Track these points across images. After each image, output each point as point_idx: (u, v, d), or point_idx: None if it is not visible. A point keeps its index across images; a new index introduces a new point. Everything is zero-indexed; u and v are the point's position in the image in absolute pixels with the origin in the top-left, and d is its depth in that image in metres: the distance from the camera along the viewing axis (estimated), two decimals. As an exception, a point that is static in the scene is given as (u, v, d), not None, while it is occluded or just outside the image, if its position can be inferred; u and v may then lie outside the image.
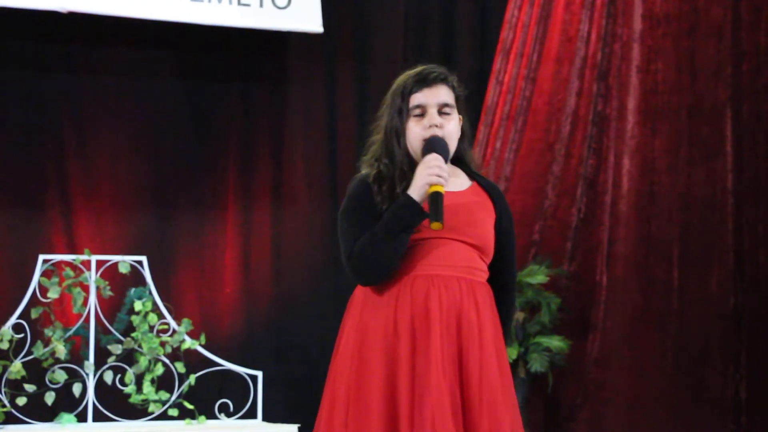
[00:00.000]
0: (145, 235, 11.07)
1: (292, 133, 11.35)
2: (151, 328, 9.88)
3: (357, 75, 10.89)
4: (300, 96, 11.46)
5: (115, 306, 10.02)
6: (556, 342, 11.29)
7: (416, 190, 4.66)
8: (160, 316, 9.92)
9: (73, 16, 10.55)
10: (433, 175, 4.63)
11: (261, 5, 11.05)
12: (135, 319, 9.85)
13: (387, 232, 4.68)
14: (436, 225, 4.60)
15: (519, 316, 11.37)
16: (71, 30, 10.92)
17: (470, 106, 11.99)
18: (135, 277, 10.04)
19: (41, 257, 9.82)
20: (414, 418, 4.60)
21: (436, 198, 4.60)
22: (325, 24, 11.10)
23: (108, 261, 9.94)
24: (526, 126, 12.14)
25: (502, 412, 4.73)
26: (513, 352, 11.12)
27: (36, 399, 9.59)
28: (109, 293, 9.87)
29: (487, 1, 12.43)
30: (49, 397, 9.55)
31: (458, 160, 5.06)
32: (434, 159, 4.70)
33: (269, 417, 9.81)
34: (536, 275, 11.40)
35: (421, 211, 4.66)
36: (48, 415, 9.67)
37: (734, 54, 11.90)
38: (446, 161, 4.79)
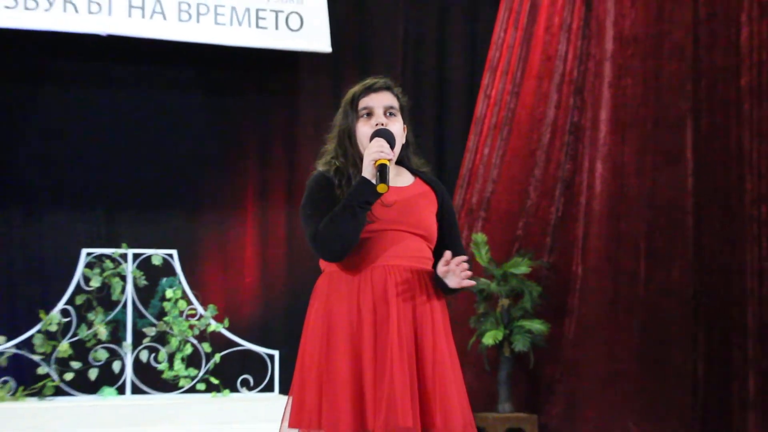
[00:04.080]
0: (175, 232, 11.25)
1: (304, 141, 11.49)
2: (181, 313, 10.11)
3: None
4: (310, 108, 11.67)
5: (149, 293, 10.21)
6: (536, 325, 11.38)
7: (366, 170, 4.72)
8: (189, 302, 10.17)
9: (111, 38, 10.72)
10: (377, 152, 4.70)
11: (276, 28, 11.20)
12: (166, 305, 10.11)
13: (345, 208, 4.70)
14: (381, 187, 4.66)
15: (504, 302, 11.44)
16: (110, 50, 11.08)
17: (461, 118, 12.22)
18: (166, 268, 10.24)
19: (84, 251, 10.04)
20: (376, 394, 4.66)
21: (382, 168, 4.68)
22: (332, 44, 11.31)
23: (143, 254, 10.17)
24: (511, 135, 12.23)
25: (451, 384, 4.77)
26: (499, 334, 11.22)
27: (81, 375, 9.82)
28: (144, 282, 10.11)
29: (475, 25, 12.52)
30: (93, 373, 9.81)
31: (403, 164, 5.11)
32: (376, 141, 4.77)
33: (285, 390, 9.56)
34: (520, 266, 11.46)
35: (372, 186, 4.70)
36: (91, 388, 9.85)
37: (694, 72, 11.87)
38: (391, 148, 4.82)
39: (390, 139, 4.81)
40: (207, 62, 11.54)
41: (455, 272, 4.68)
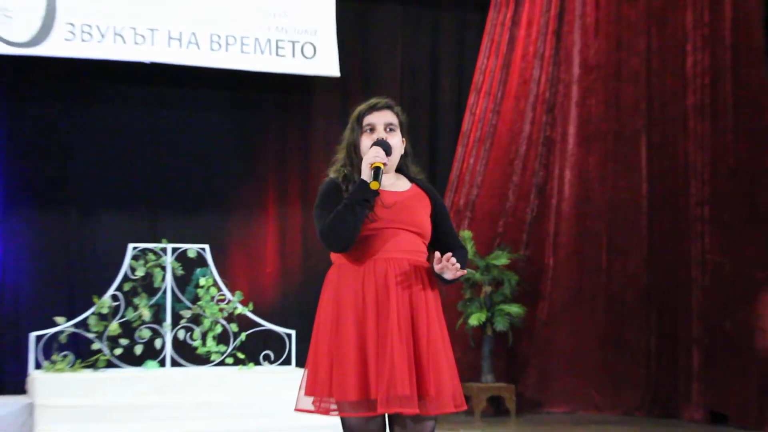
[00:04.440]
0: (207, 229, 11.26)
1: (316, 152, 11.54)
2: (212, 298, 10.18)
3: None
4: (322, 123, 11.72)
5: (185, 281, 10.28)
6: (514, 308, 11.44)
7: (364, 172, 4.69)
8: (219, 289, 10.22)
9: (154, 65, 10.80)
10: (373, 156, 4.66)
11: (293, 56, 11.23)
12: (200, 292, 10.18)
13: (346, 206, 4.64)
14: (374, 184, 4.63)
15: (487, 289, 11.47)
16: (152, 75, 11.09)
17: (450, 132, 12.23)
18: (200, 260, 10.30)
19: (131, 246, 10.14)
20: (379, 367, 4.61)
21: (376, 170, 4.64)
22: (341, 70, 11.33)
23: (180, 248, 10.25)
24: (493, 147, 12.26)
25: (442, 359, 4.72)
26: (482, 316, 11.28)
27: (128, 350, 9.90)
28: (181, 272, 10.18)
29: (462, 53, 12.55)
30: (138, 349, 9.91)
31: (402, 171, 5.01)
32: (373, 149, 4.73)
33: (300, 364, 9.75)
34: (500, 258, 11.50)
35: (368, 185, 4.67)
36: (137, 362, 9.95)
37: (647, 93, 11.91)
38: (387, 155, 4.77)
39: (386, 147, 4.79)
40: (234, 85, 11.53)
41: (448, 267, 4.68)
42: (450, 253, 4.64)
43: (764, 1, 10.63)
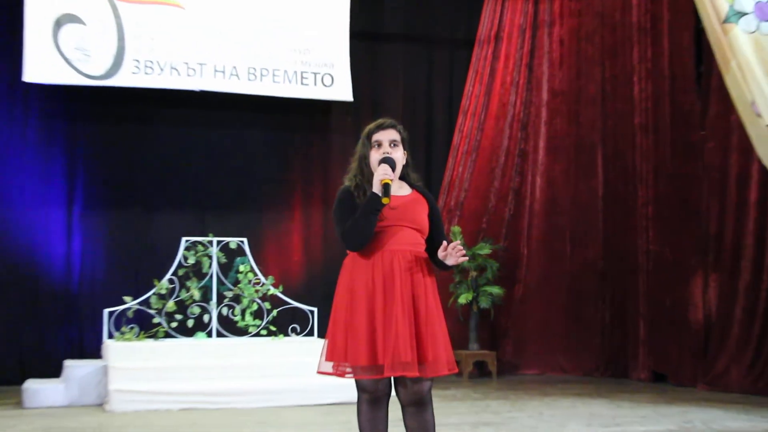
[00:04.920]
0: (246, 225, 11.21)
1: (334, 162, 11.47)
2: (249, 281, 10.13)
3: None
4: (338, 139, 11.67)
5: (228, 268, 10.19)
6: (495, 289, 11.48)
7: (375, 187, 4.65)
8: (255, 274, 10.18)
9: (202, 92, 10.88)
10: (383, 174, 4.63)
11: (315, 84, 11.27)
12: (240, 276, 10.13)
13: (361, 215, 4.65)
14: (385, 199, 4.62)
15: (473, 274, 11.46)
16: (201, 100, 11.09)
17: (442, 147, 12.20)
18: (239, 251, 10.23)
19: (184, 239, 10.12)
20: (385, 338, 4.61)
21: (385, 186, 4.61)
22: (353, 95, 11.37)
23: (223, 241, 10.18)
24: (477, 158, 12.28)
25: (438, 332, 4.70)
26: (469, 296, 11.32)
27: (182, 324, 9.91)
28: (224, 260, 10.12)
29: (452, 82, 12.52)
30: (190, 323, 9.91)
31: (404, 179, 4.94)
32: (382, 167, 4.68)
33: (321, 335, 9.57)
34: (483, 249, 11.54)
35: (379, 198, 4.64)
36: (189, 333, 9.96)
37: (602, 114, 11.93)
38: (393, 170, 4.73)
39: (392, 164, 4.74)
40: (267, 108, 11.50)
41: (452, 254, 4.64)
42: (457, 242, 4.67)
43: (694, 40, 10.62)
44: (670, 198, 11.05)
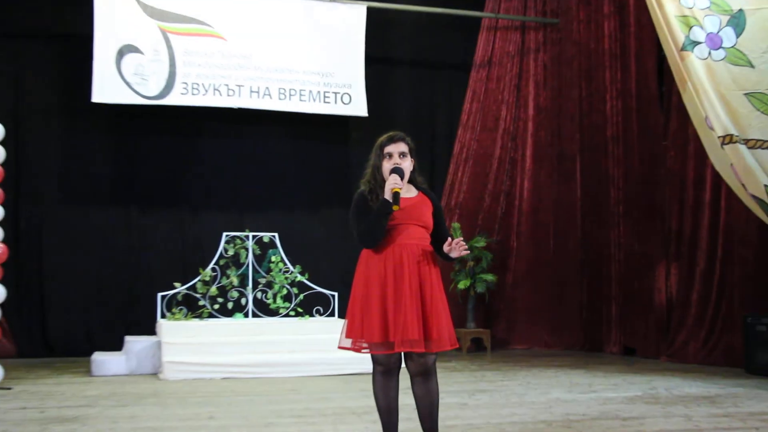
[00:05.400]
0: (277, 222, 11.15)
1: (351, 168, 11.44)
2: (280, 270, 10.16)
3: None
4: (355, 149, 11.59)
5: (262, 258, 10.25)
6: (489, 277, 11.49)
7: (387, 194, 4.63)
8: (285, 264, 10.21)
9: (240, 109, 10.90)
10: (393, 183, 4.62)
11: (335, 102, 11.26)
12: (272, 265, 10.17)
13: (375, 219, 4.66)
14: (395, 207, 4.61)
15: (470, 263, 11.45)
16: (240, 116, 11.09)
17: (444, 155, 12.04)
18: (271, 244, 10.27)
19: (224, 234, 10.16)
20: (396, 319, 4.60)
21: (395, 194, 4.60)
22: (368, 111, 11.35)
23: (258, 235, 10.23)
24: (474, 165, 12.29)
25: (442, 313, 4.68)
26: (467, 282, 11.34)
27: (223, 306, 9.95)
28: (258, 252, 10.16)
29: (452, 100, 12.44)
30: (229, 305, 9.97)
31: (412, 182, 4.88)
32: (393, 176, 4.67)
33: (341, 316, 9.63)
34: (479, 242, 11.56)
35: (389, 204, 4.62)
36: (229, 314, 10.00)
37: (580, 127, 11.92)
38: (402, 179, 4.71)
39: (401, 174, 4.72)
40: (295, 122, 11.47)
41: (455, 249, 4.67)
42: (460, 238, 4.71)
43: (657, 65, 10.64)
44: (637, 199, 11.06)
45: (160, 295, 9.96)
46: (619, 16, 11.36)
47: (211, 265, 10.08)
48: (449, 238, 4.77)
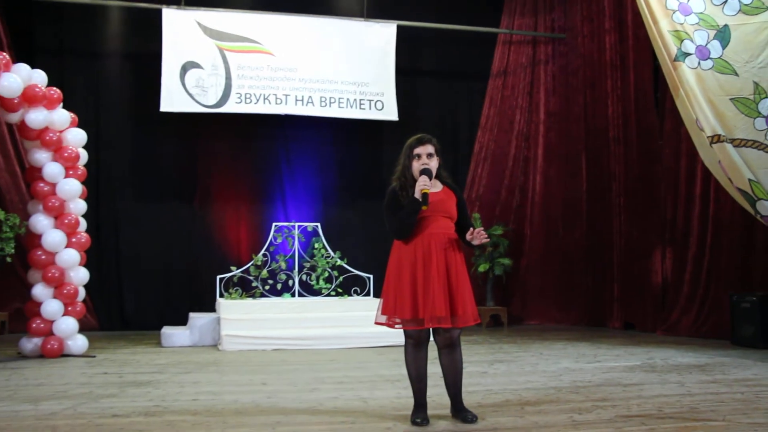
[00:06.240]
0: (320, 213, 11.30)
1: (384, 166, 11.24)
2: (322, 255, 10.19)
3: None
4: (387, 149, 11.61)
5: (306, 245, 10.31)
6: (506, 261, 11.51)
7: (416, 194, 4.62)
8: (326, 250, 10.23)
9: (287, 116, 10.96)
10: (423, 185, 4.60)
11: (370, 109, 11.24)
12: (315, 251, 10.22)
13: (405, 216, 4.64)
14: (424, 208, 4.60)
15: (489, 249, 11.44)
16: (286, 122, 11.20)
17: (466, 154, 11.98)
18: (315, 232, 10.31)
19: (274, 224, 10.26)
20: (425, 299, 4.60)
21: (424, 195, 4.58)
22: (399, 115, 11.31)
23: (303, 225, 10.28)
24: (492, 162, 12.27)
25: (466, 293, 4.68)
26: (486, 266, 11.34)
27: (272, 287, 9.98)
28: (303, 239, 10.17)
29: (473, 106, 12.40)
30: (278, 286, 10.01)
31: (438, 178, 4.83)
32: (423, 178, 4.64)
33: (377, 295, 9.69)
34: (497, 230, 11.56)
35: (419, 204, 4.60)
36: (278, 294, 10.05)
37: (585, 129, 11.85)
38: (431, 179, 4.69)
39: (430, 174, 4.70)
40: (335, 127, 11.50)
41: (477, 237, 4.64)
42: (481, 228, 4.70)
43: (653, 73, 10.56)
44: (636, 192, 11.00)
45: (218, 277, 10.03)
46: (618, 32, 11.29)
47: (263, 251, 10.13)
48: (471, 228, 4.75)
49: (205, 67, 10.60)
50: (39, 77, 8.01)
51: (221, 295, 9.91)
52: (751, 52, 7.94)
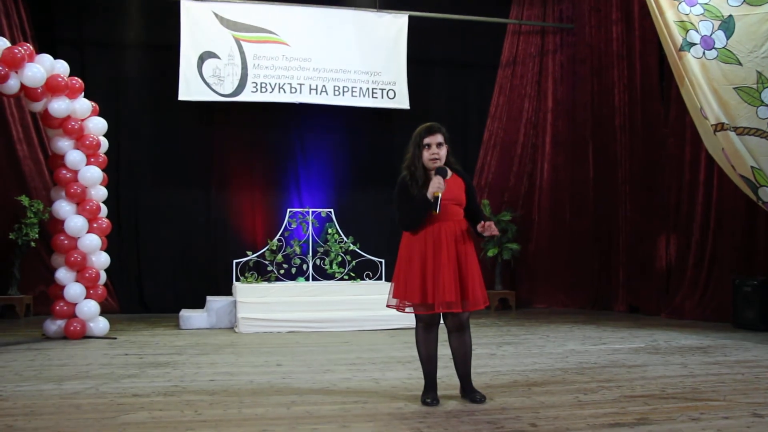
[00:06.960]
0: (333, 199, 11.34)
1: (395, 153, 10.64)
2: (336, 240, 10.21)
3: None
4: (398, 137, 11.25)
5: (320, 230, 10.35)
6: (514, 246, 11.51)
7: (429, 193, 4.56)
8: (339, 235, 10.26)
9: (301, 104, 10.95)
10: (436, 187, 4.54)
11: (382, 97, 11.24)
12: (328, 236, 10.24)
13: (414, 212, 4.62)
14: (435, 212, 4.57)
15: (498, 234, 11.50)
16: (300, 110, 11.18)
17: (475, 142, 11.98)
18: (328, 218, 10.36)
19: (288, 210, 10.31)
20: (435, 285, 4.59)
21: (436, 198, 4.54)
22: (410, 104, 11.32)
23: (316, 211, 10.35)
24: (501, 150, 12.25)
25: (476, 277, 4.67)
26: (495, 250, 11.34)
27: (287, 271, 10.02)
28: (317, 225, 10.25)
29: (483, 95, 12.36)
30: (293, 270, 10.03)
31: (448, 165, 4.76)
32: (437, 179, 4.59)
33: (388, 279, 9.72)
34: (505, 216, 11.56)
35: (429, 202, 4.56)
36: (292, 277, 10.07)
37: (592, 117, 11.81)
38: (444, 178, 4.62)
39: (444, 174, 4.66)
40: (348, 115, 11.49)
41: (487, 230, 4.62)
42: (491, 222, 4.67)
43: (658, 63, 10.53)
44: (642, 179, 10.98)
45: (235, 261, 10.08)
46: (625, 22, 11.24)
47: (278, 236, 10.15)
48: (482, 221, 4.72)
49: (222, 56, 10.62)
50: (61, 67, 8.05)
51: (237, 279, 9.94)
52: (754, 42, 7.91)
